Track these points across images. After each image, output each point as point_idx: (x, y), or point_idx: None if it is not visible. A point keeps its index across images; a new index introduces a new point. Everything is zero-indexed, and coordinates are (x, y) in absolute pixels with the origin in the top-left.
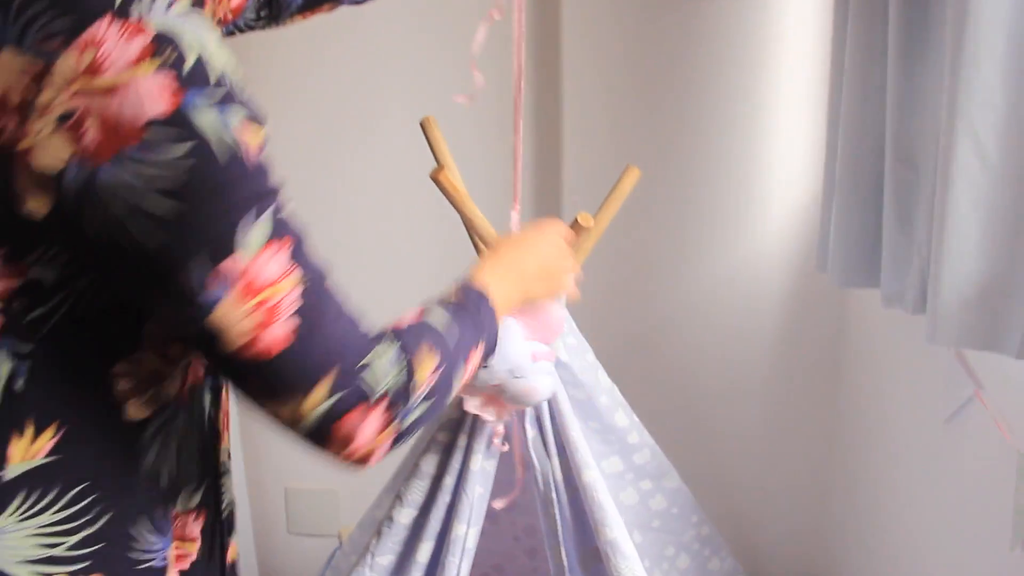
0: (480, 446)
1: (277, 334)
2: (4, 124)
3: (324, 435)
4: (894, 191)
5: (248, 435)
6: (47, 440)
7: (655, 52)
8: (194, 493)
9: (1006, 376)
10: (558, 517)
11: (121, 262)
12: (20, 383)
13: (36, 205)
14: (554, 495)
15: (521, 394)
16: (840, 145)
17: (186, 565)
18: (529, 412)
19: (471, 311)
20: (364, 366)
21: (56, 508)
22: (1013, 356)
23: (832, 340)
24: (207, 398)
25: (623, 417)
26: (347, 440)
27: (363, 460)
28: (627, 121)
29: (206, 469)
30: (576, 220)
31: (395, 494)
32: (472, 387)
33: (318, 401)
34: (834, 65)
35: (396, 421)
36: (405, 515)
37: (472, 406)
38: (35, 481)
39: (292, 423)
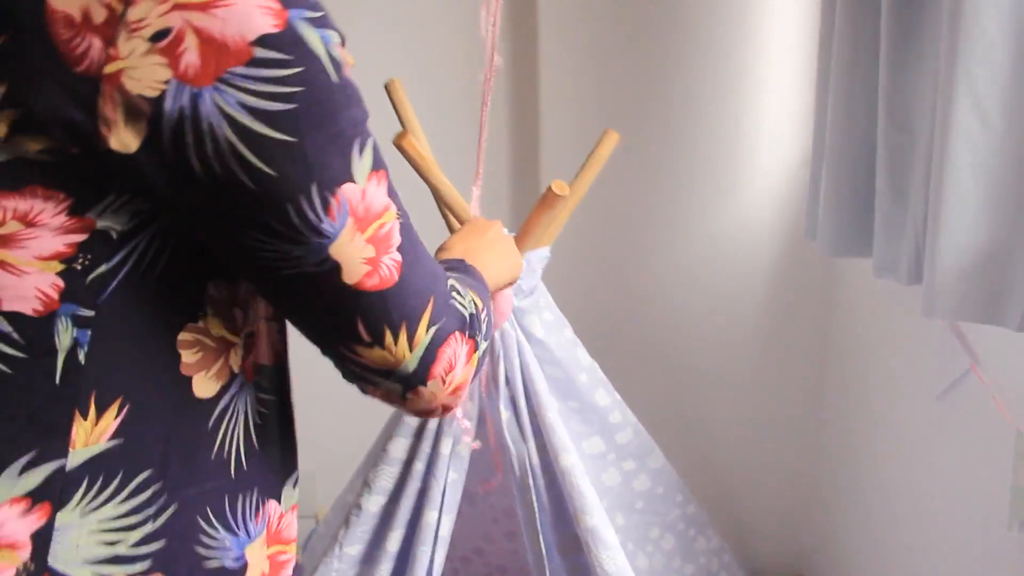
0: (451, 429)
1: (390, 266)
2: (87, 45)
3: (428, 366)
4: (887, 155)
5: None
6: (111, 420)
7: (637, 10)
8: (295, 487)
9: (1005, 351)
10: (535, 503)
11: (223, 198)
12: (82, 355)
13: (127, 138)
14: (531, 480)
15: None
16: (830, 106)
17: (289, 572)
18: (503, 393)
19: (467, 271)
20: (451, 295)
21: (120, 499)
22: (1014, 329)
23: (820, 311)
24: (287, 381)
25: (604, 396)
26: (449, 368)
27: (458, 391)
28: (607, 82)
29: (294, 460)
30: (550, 188)
31: (363, 480)
32: None
33: (424, 332)
34: (824, 21)
35: (478, 349)
36: (374, 503)
37: None
38: (98, 468)
39: (397, 361)
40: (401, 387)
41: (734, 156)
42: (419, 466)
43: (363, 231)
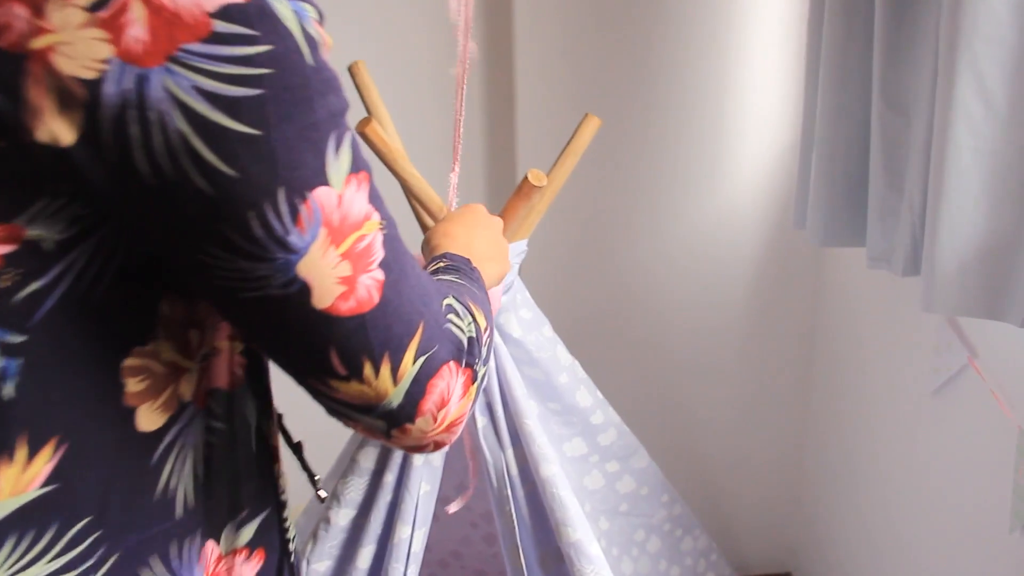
0: None
1: (370, 286)
2: (8, 15)
3: (417, 401)
4: (882, 140)
5: None
6: (44, 463)
7: None
8: (241, 527)
9: (1005, 345)
10: (514, 515)
11: (173, 204)
12: (10, 388)
13: (59, 129)
14: (509, 491)
15: None
16: (820, 87)
17: None
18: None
19: (470, 277)
20: (447, 317)
21: (54, 553)
22: (1017, 325)
23: (809, 303)
24: (250, 406)
25: (585, 396)
26: (441, 403)
27: (453, 426)
28: (584, 66)
29: (260, 497)
30: (526, 178)
31: (331, 492)
32: None
33: (410, 362)
34: None
35: (476, 379)
36: (343, 516)
37: None
38: (28, 520)
39: (379, 397)
40: (385, 424)
41: (717, 141)
42: (390, 478)
43: (338, 245)
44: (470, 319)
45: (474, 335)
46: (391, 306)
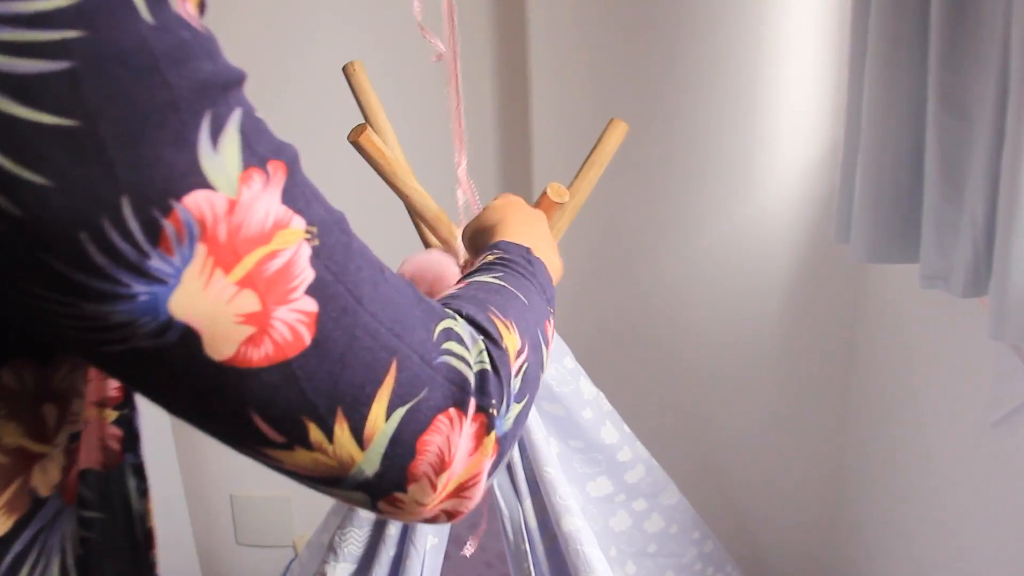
0: None
1: (290, 322)
2: None
3: (403, 465)
4: (939, 146)
5: (183, 433)
6: None
7: None
8: None
9: None
10: (533, 573)
11: None
12: None
13: None
14: (527, 546)
15: None
16: (867, 87)
17: None
18: None
19: (525, 270)
20: (441, 348)
21: None
22: None
23: (848, 321)
24: (131, 485)
25: (611, 431)
26: (441, 464)
27: (466, 491)
28: (605, 65)
29: None
30: (545, 194)
31: (328, 544)
32: None
33: (382, 417)
34: None
35: (494, 428)
36: (341, 571)
37: None
38: None
39: (343, 466)
40: (366, 496)
41: (751, 145)
42: (393, 530)
43: (229, 269)
44: (483, 345)
45: (489, 366)
46: (336, 346)
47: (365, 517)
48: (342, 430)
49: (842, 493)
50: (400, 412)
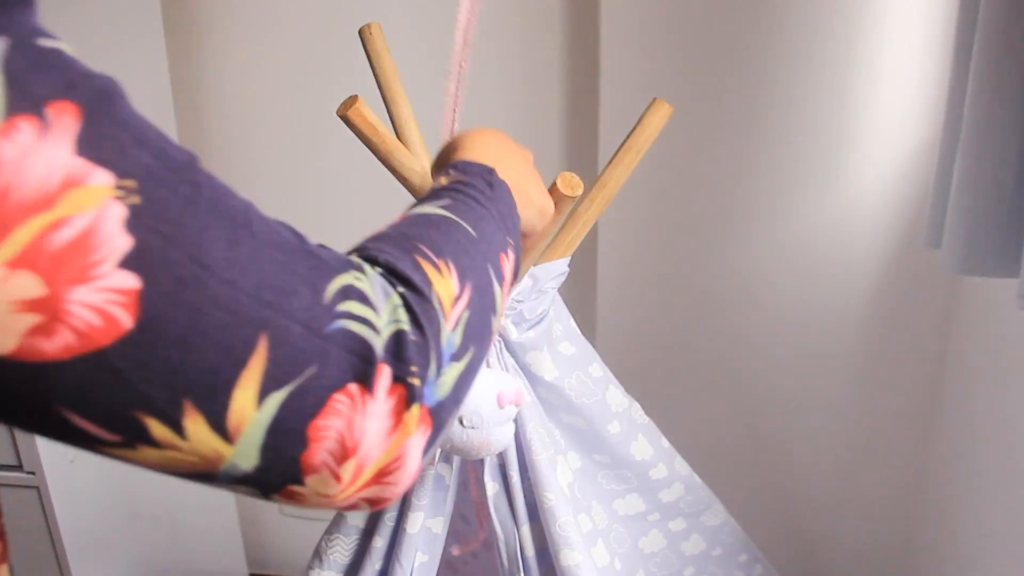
0: (423, 500)
1: (99, 304)
2: None
3: (294, 456)
4: None
5: None
6: None
7: None
8: None
9: None
10: None
11: None
12: None
13: None
14: (522, 575)
15: (472, 447)
16: (972, 79)
17: None
18: (490, 460)
19: (481, 195)
20: (336, 311)
21: None
22: None
23: (938, 335)
24: None
25: (644, 447)
26: (343, 451)
27: (386, 477)
28: (680, 50)
29: None
30: (555, 185)
31: (314, 550)
32: None
33: (251, 405)
34: None
35: (418, 400)
36: None
37: None
38: None
39: (208, 460)
40: (254, 490)
41: (838, 140)
42: (379, 543)
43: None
44: (399, 300)
45: (407, 325)
46: (172, 327)
47: (352, 525)
48: (195, 424)
49: (919, 521)
50: (277, 397)
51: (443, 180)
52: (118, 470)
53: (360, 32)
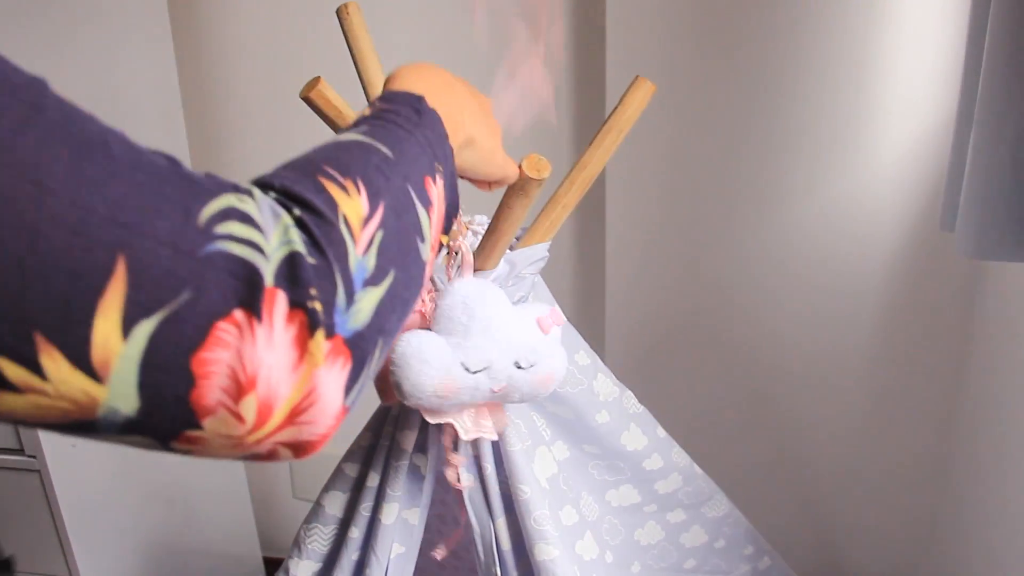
0: (398, 491)
1: None
2: None
3: (182, 395)
4: None
5: None
6: None
7: None
8: None
9: None
10: None
11: None
12: None
13: None
14: (497, 569)
15: (539, 385)
16: (985, 55)
17: None
18: (464, 447)
19: (406, 121)
20: (215, 232)
21: None
22: None
23: (960, 324)
24: None
25: (636, 437)
26: (238, 388)
27: (302, 417)
28: (691, 19)
29: None
30: (520, 167)
31: (293, 538)
32: (458, 402)
33: (116, 335)
34: None
35: (322, 327)
36: (303, 568)
37: (463, 429)
38: None
39: (79, 405)
40: (148, 440)
41: (855, 121)
42: (355, 533)
43: None
44: (291, 220)
45: (302, 247)
46: (5, 249)
47: (331, 514)
48: (55, 362)
49: (940, 511)
50: (146, 326)
51: (366, 111)
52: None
53: (337, 12)
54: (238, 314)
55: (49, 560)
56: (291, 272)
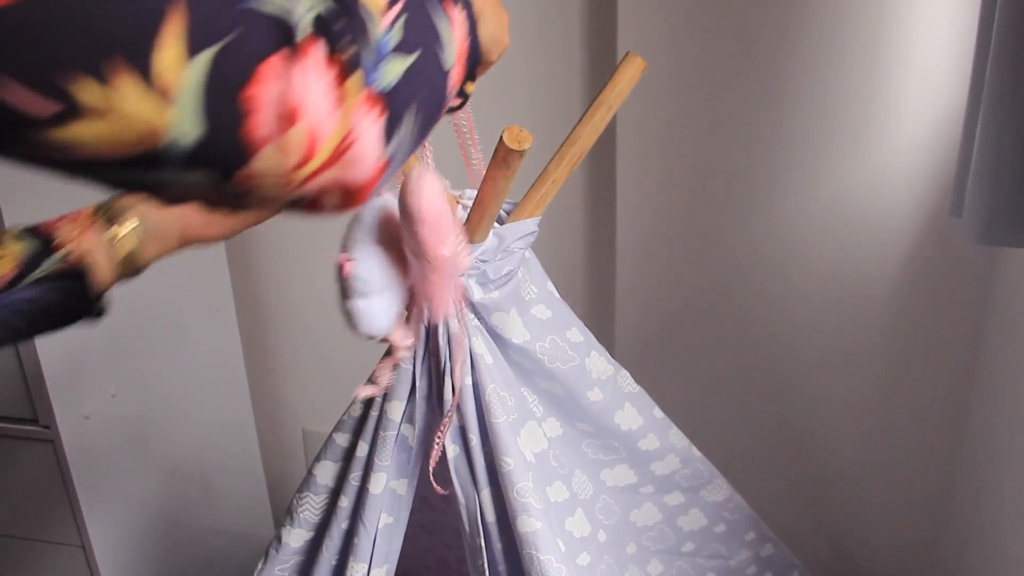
0: (385, 461)
1: None
2: None
3: (232, 128)
4: None
5: (258, 373)
6: None
7: None
8: None
9: None
10: (487, 573)
11: None
12: None
13: None
14: (482, 541)
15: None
16: (994, 40)
17: None
18: (451, 417)
19: None
20: None
21: None
22: None
23: (976, 307)
24: None
25: (632, 416)
26: (288, 116)
27: (346, 155)
28: (703, 6)
29: None
30: (501, 139)
31: (286, 507)
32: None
33: (181, 60)
34: None
35: (358, 69)
36: (295, 537)
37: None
38: None
39: (149, 127)
40: (209, 175)
41: (869, 104)
42: (345, 503)
43: None
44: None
45: (324, 9)
46: None
47: (322, 484)
48: (125, 82)
49: (951, 506)
50: (206, 55)
51: None
52: (146, 425)
53: None
54: (282, 53)
55: (62, 531)
56: (320, 24)
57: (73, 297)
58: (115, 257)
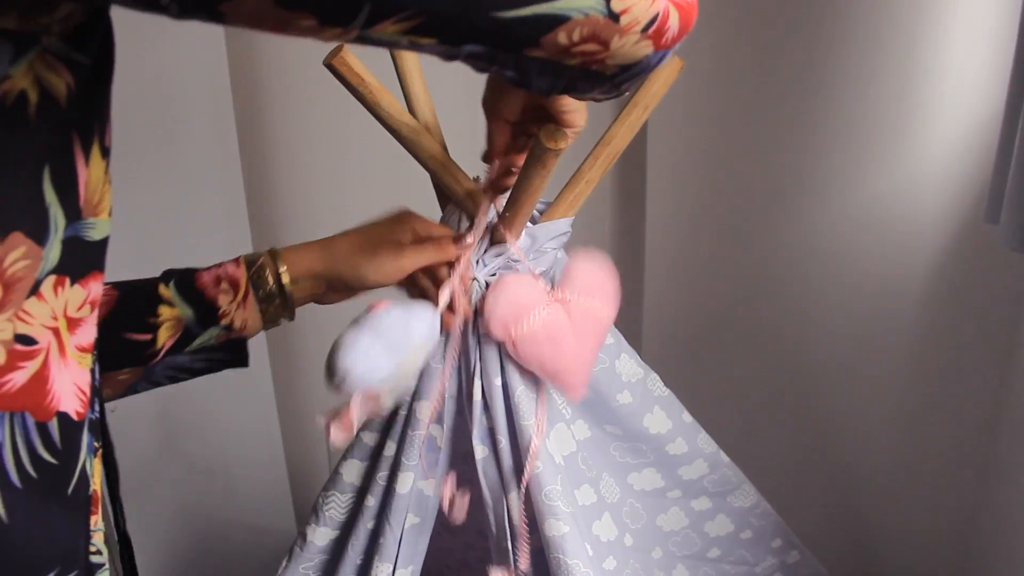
0: (413, 460)
1: None
2: None
3: None
4: None
5: (281, 364)
6: None
7: None
8: None
9: None
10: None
11: None
12: None
13: None
14: (508, 544)
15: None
16: None
17: None
18: (479, 421)
19: None
20: None
21: None
22: None
23: (1009, 316)
24: (85, 439)
25: (661, 420)
26: None
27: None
28: (737, 6)
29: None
30: (538, 137)
31: (311, 506)
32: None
33: None
34: None
35: None
36: (320, 535)
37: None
38: None
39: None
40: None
41: (904, 109)
42: (371, 502)
43: None
44: None
45: None
46: None
47: (348, 482)
48: None
49: (981, 519)
50: None
51: None
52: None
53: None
54: None
55: None
56: None
57: (228, 360)
58: (271, 320)
